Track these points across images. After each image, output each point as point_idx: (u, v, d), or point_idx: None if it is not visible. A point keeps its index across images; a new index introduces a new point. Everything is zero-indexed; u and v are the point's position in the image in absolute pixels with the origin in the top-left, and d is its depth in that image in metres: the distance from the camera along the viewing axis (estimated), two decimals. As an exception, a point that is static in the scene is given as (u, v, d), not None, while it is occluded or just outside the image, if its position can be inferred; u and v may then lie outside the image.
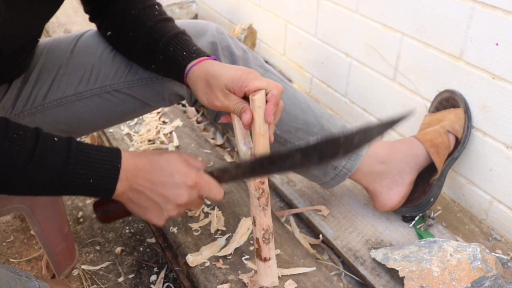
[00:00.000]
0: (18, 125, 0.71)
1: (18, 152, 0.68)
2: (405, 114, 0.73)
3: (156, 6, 0.94)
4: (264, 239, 0.86)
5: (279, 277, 0.94)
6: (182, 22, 1.01)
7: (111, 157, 0.74)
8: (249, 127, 0.78)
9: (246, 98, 0.79)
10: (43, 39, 1.01)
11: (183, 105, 1.71)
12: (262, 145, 0.78)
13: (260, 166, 0.79)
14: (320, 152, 0.76)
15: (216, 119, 1.08)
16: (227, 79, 0.79)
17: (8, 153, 0.67)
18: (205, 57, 0.86)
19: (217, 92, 0.80)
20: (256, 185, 0.82)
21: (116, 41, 0.97)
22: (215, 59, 0.86)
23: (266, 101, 0.77)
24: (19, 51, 0.86)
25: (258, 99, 0.76)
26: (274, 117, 0.78)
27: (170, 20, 0.94)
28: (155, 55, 0.90)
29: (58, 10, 0.85)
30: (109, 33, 0.96)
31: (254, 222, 0.85)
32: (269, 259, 0.88)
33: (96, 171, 0.72)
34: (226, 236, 1.06)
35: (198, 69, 0.84)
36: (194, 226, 1.09)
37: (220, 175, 0.81)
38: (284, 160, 0.77)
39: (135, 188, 0.75)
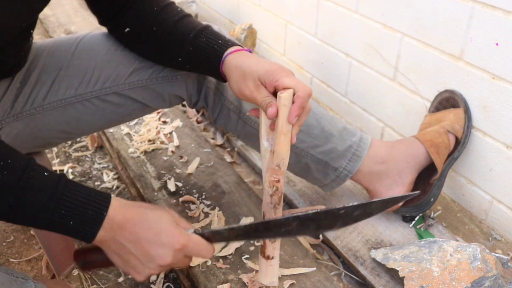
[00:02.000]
0: (11, 153, 0.68)
1: (0, 181, 0.64)
2: (408, 195, 0.76)
3: (175, 5, 0.96)
4: None
5: (279, 277, 0.94)
6: (182, 22, 1.01)
7: (98, 203, 0.70)
8: (273, 125, 0.80)
9: (275, 94, 0.80)
10: (44, 40, 1.01)
11: (183, 105, 1.71)
12: (282, 144, 0.78)
13: (255, 231, 0.75)
14: (317, 223, 0.74)
15: (217, 120, 1.08)
16: (261, 70, 0.80)
17: None
18: (241, 48, 0.87)
19: (249, 82, 0.81)
20: (271, 182, 0.80)
21: (136, 38, 0.96)
22: (250, 51, 0.87)
23: (293, 101, 0.77)
24: (12, 43, 0.85)
25: (284, 97, 0.76)
26: (299, 119, 0.78)
27: (192, 16, 0.95)
28: (184, 47, 0.90)
29: (58, 11, 0.85)
30: (127, 29, 0.95)
31: (263, 218, 0.85)
32: (272, 258, 0.88)
33: (79, 215, 0.68)
34: (226, 236, 1.06)
35: (234, 58, 0.85)
36: (195, 226, 1.09)
37: (211, 236, 0.77)
38: (280, 227, 0.74)
39: (118, 240, 0.71)
